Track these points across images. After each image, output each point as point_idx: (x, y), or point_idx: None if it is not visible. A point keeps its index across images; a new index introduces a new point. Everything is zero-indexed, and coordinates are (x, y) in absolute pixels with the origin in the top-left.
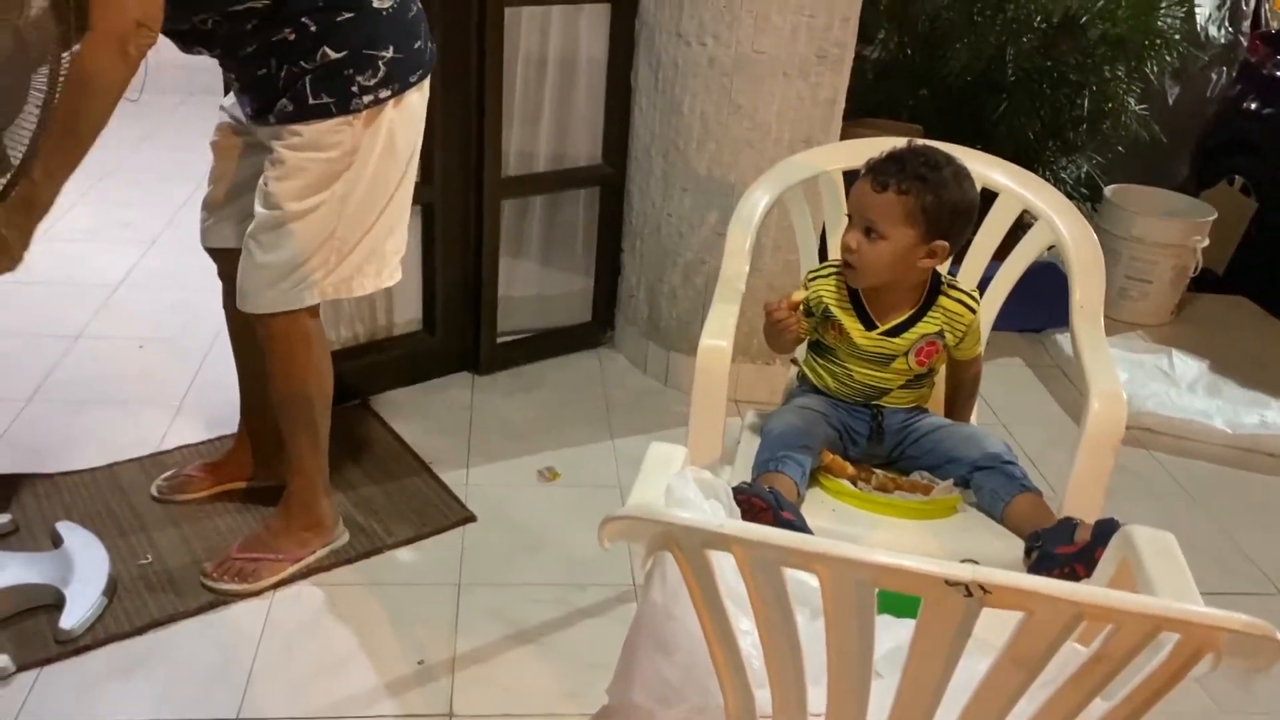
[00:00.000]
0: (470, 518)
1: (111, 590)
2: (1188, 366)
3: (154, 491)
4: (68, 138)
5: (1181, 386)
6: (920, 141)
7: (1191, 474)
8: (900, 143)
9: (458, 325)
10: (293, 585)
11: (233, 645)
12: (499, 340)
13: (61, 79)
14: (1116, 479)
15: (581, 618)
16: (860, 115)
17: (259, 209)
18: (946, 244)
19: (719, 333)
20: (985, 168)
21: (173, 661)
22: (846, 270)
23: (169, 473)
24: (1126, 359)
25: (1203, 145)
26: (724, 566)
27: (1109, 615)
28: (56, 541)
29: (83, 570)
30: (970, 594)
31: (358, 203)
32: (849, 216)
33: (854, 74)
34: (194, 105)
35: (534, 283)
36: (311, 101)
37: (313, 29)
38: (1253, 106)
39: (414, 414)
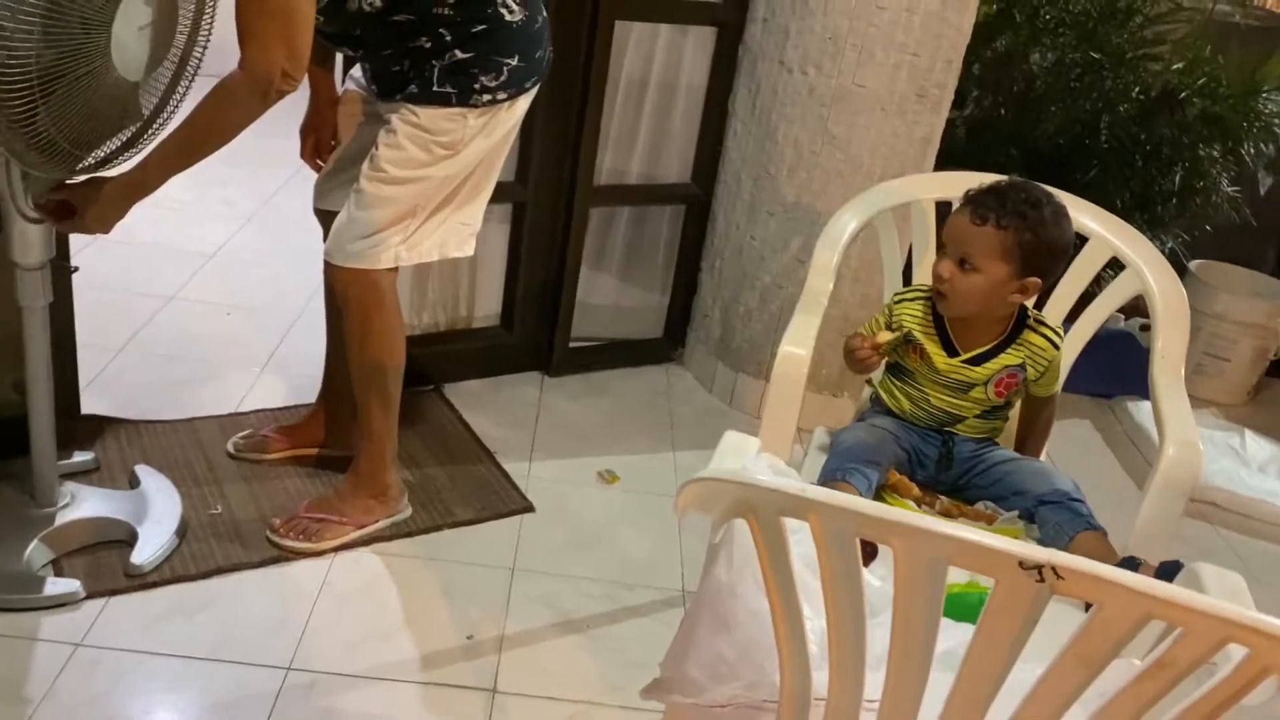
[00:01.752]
0: (529, 508)
1: (182, 534)
2: (1260, 448)
3: (230, 448)
4: (188, 145)
5: (1252, 467)
6: (1020, 178)
7: (1255, 553)
8: (999, 177)
9: (534, 325)
10: (353, 550)
11: (290, 600)
12: (572, 344)
13: (199, 46)
14: (1179, 548)
15: (628, 616)
16: (949, 167)
17: (365, 168)
18: (1039, 281)
19: (799, 341)
20: (1078, 212)
21: (233, 608)
22: (936, 298)
23: (246, 432)
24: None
25: None
26: (794, 554)
27: (1179, 615)
28: (134, 483)
29: (156, 511)
30: (1043, 578)
31: (452, 187)
32: (942, 246)
33: (944, 131)
34: (300, 93)
35: (612, 293)
36: (435, 88)
37: (448, 38)
38: None
39: (484, 405)
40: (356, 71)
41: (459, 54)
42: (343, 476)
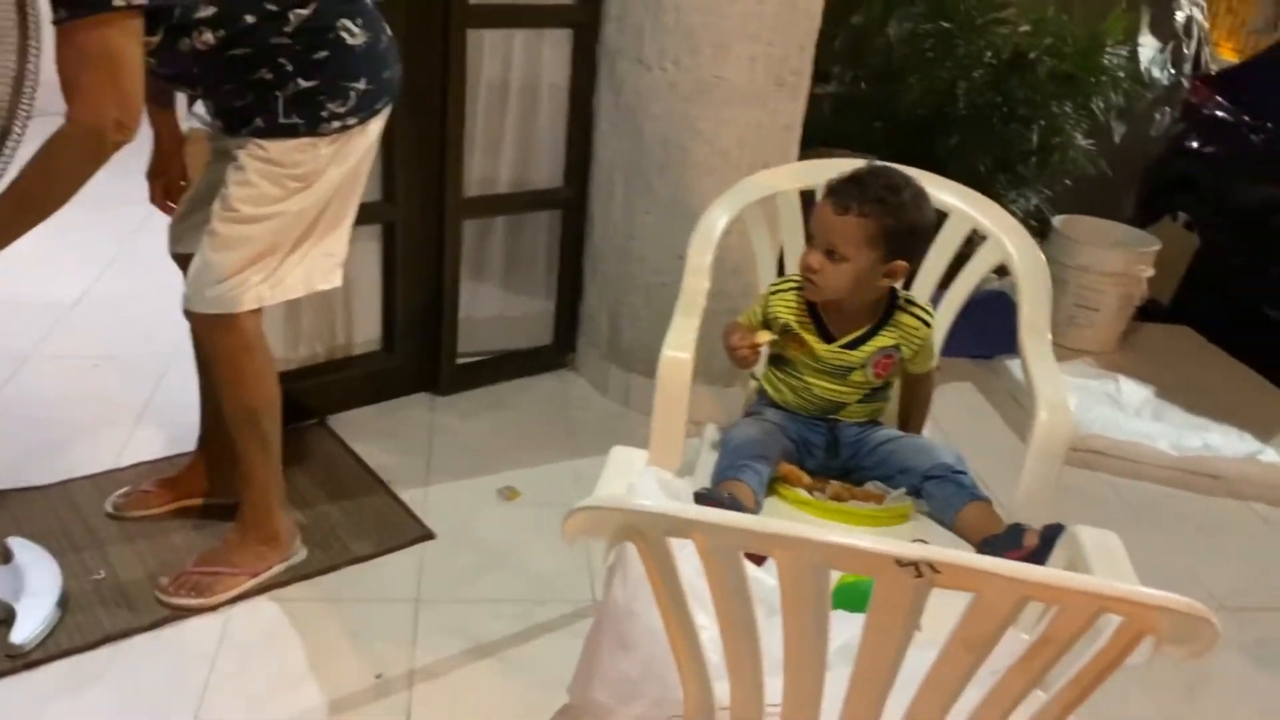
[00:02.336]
0: (429, 535)
1: (64, 605)
2: (1134, 391)
3: (109, 507)
4: (27, 203)
5: (1128, 411)
6: (879, 163)
7: (1137, 494)
8: (858, 163)
9: (418, 346)
10: (249, 600)
11: (187, 660)
12: (459, 361)
13: (21, 110)
14: (1065, 499)
15: (541, 633)
16: (816, 146)
17: (216, 208)
18: (906, 264)
19: (680, 345)
20: (936, 189)
21: (126, 677)
22: (809, 288)
23: (124, 489)
24: (1074, 384)
25: (1147, 182)
26: (684, 566)
27: (1055, 595)
28: (6, 557)
29: (33, 584)
30: (920, 574)
31: (310, 219)
32: (810, 237)
33: (811, 108)
34: (147, 130)
35: (495, 304)
36: (282, 120)
37: (290, 68)
38: (1194, 146)
39: (372, 434)
40: (200, 108)
41: (303, 83)
42: (230, 526)
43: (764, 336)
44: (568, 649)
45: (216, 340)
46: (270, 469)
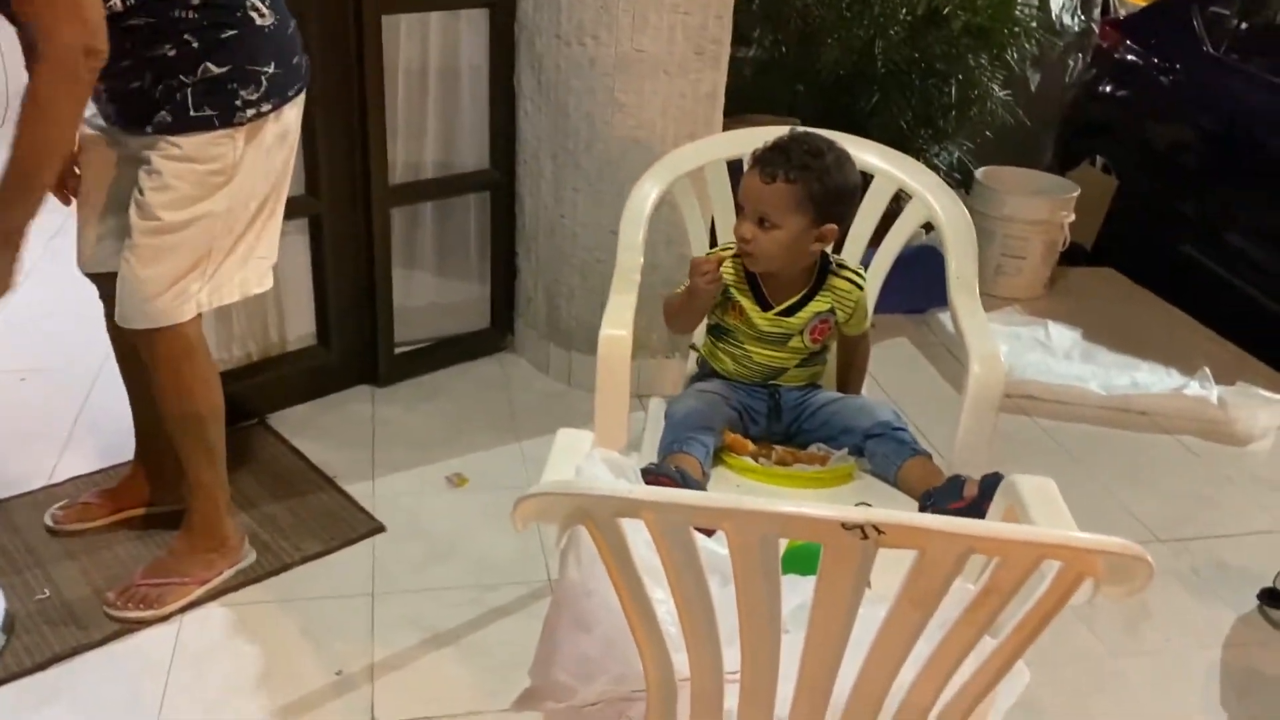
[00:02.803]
0: (379, 528)
1: (9, 628)
2: (1063, 336)
3: (49, 522)
4: (28, 168)
5: (1058, 355)
6: (801, 129)
7: (1071, 436)
8: (781, 131)
9: (354, 338)
10: (200, 608)
11: (141, 674)
12: (397, 351)
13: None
14: (1002, 446)
15: (498, 617)
16: (740, 112)
17: (135, 220)
18: (835, 227)
19: (618, 322)
20: (860, 151)
21: (79, 695)
22: (745, 257)
23: (62, 503)
24: (1005, 332)
25: (1064, 128)
26: (637, 542)
27: (996, 547)
28: None
29: None
30: (866, 535)
31: (236, 215)
32: (739, 207)
33: (732, 72)
34: None
35: (430, 291)
36: (193, 114)
37: (195, 45)
38: (1107, 90)
39: (314, 430)
40: (90, 111)
41: (213, 68)
42: (177, 534)
43: (726, 252)
44: (525, 631)
45: (157, 350)
46: (215, 474)
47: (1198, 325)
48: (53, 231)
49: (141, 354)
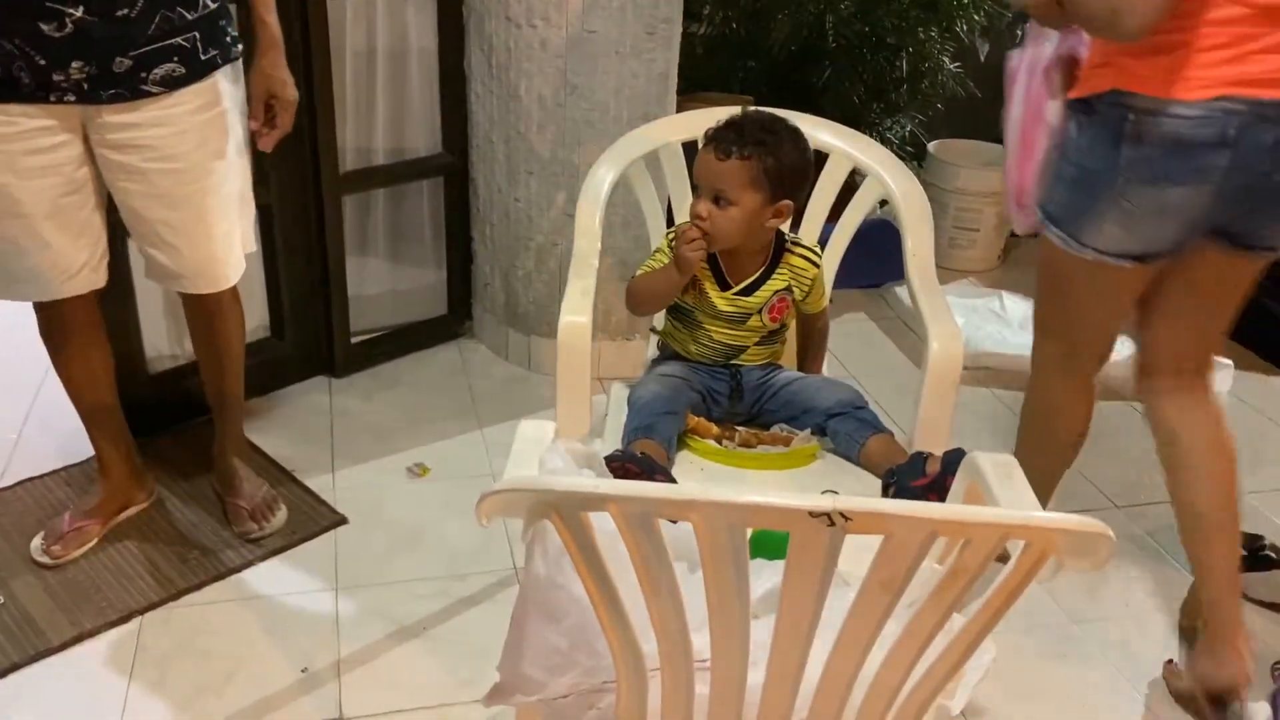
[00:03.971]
0: (341, 521)
1: None
2: (1017, 306)
3: (45, 559)
4: None
5: (1013, 325)
6: (753, 108)
7: None
8: (734, 110)
9: (309, 328)
10: (160, 609)
11: (103, 678)
12: (354, 340)
13: None
14: (963, 419)
15: (465, 607)
16: (693, 90)
17: (176, 189)
18: (790, 203)
19: (577, 309)
20: (813, 129)
21: (40, 702)
22: (704, 238)
23: (44, 535)
24: (961, 304)
25: None
26: (603, 530)
27: (960, 529)
28: None
29: None
30: (833, 523)
31: (244, 154)
32: (695, 187)
33: (683, 50)
34: None
35: (385, 279)
36: (203, 57)
37: None
38: None
39: (271, 423)
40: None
41: (209, 2)
42: (238, 464)
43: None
44: (493, 620)
45: (233, 313)
46: None
47: None
48: None
49: (217, 326)
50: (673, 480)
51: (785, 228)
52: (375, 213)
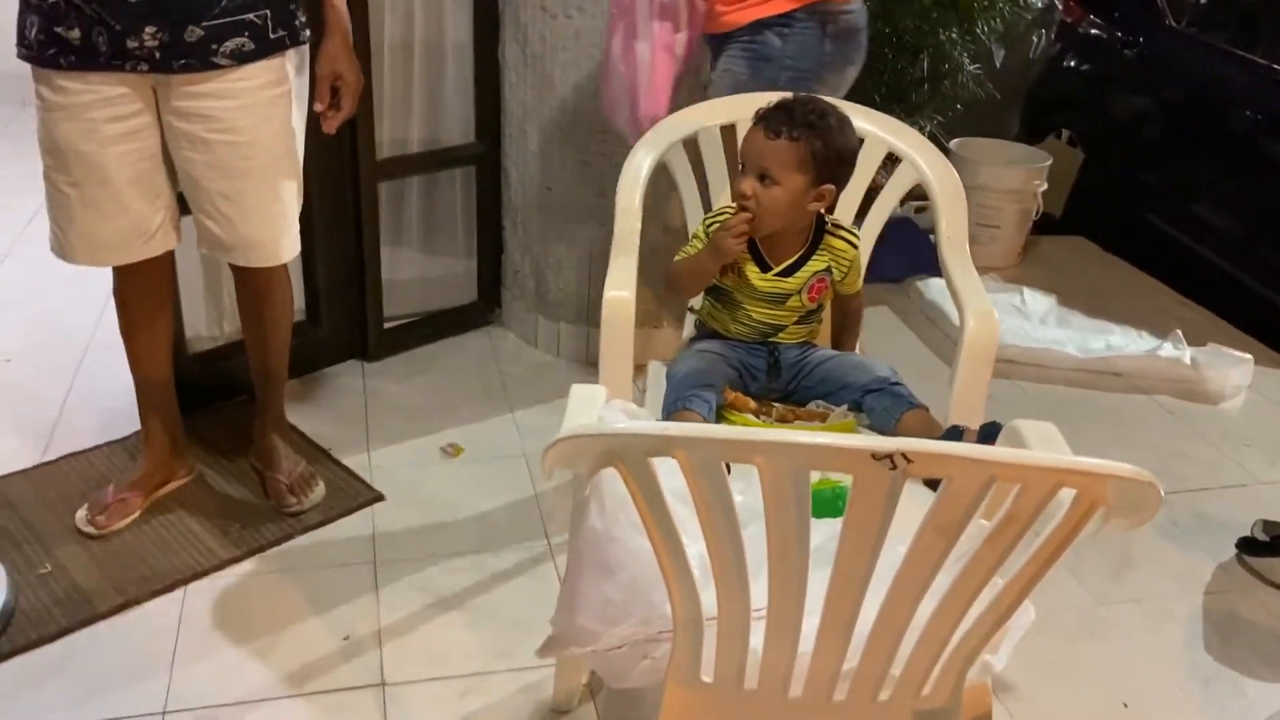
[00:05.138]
0: (379, 497)
1: (13, 604)
2: (1038, 302)
3: (89, 529)
4: None
5: (1034, 320)
6: (805, 94)
7: (1050, 397)
8: (774, 96)
9: (343, 314)
10: (204, 579)
11: (150, 642)
12: (386, 325)
13: None
14: (990, 407)
15: (500, 581)
16: None
17: (235, 161)
18: (833, 187)
19: (621, 284)
20: (850, 114)
21: (88, 665)
22: (747, 225)
23: (89, 506)
24: (991, 302)
25: (1030, 102)
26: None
27: (1017, 473)
28: None
29: None
30: (895, 465)
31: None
32: (741, 165)
33: None
34: (28, 118)
35: (418, 266)
36: (272, 36)
37: None
38: (1072, 64)
39: (307, 405)
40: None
41: None
42: (277, 440)
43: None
44: (527, 593)
45: (283, 291)
46: None
47: (1168, 290)
48: (28, 217)
49: (266, 303)
50: None
51: (824, 210)
52: (409, 200)
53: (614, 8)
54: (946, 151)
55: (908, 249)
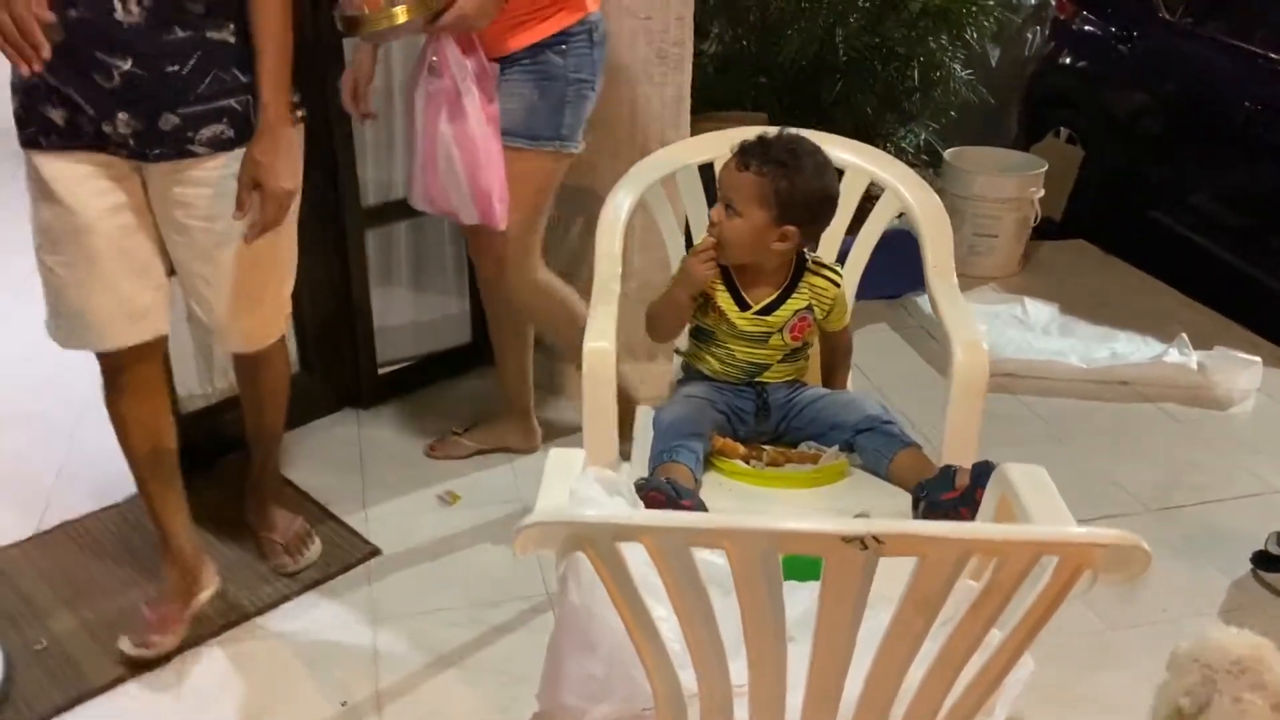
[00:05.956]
0: (375, 552)
1: (8, 682)
2: (1039, 311)
3: (135, 653)
4: (281, 46)
5: (1036, 330)
6: (791, 130)
7: (1054, 411)
8: (751, 132)
9: (334, 362)
10: (201, 646)
11: (146, 716)
12: (380, 372)
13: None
14: (987, 425)
15: (500, 635)
16: (706, 109)
17: (213, 249)
18: (796, 229)
19: (601, 334)
20: (829, 146)
21: None
22: (717, 248)
23: (132, 633)
24: (982, 311)
25: (1027, 102)
26: (635, 559)
27: (994, 548)
28: None
29: None
30: (866, 546)
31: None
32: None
33: (695, 69)
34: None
35: (409, 310)
36: (254, 122)
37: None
38: (1067, 61)
39: (301, 457)
40: (63, 139)
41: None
42: (270, 498)
43: (715, 212)
44: (528, 647)
45: (278, 362)
46: None
47: (1172, 291)
48: (23, 277)
49: (261, 372)
50: (700, 504)
51: (806, 248)
52: (397, 245)
53: (426, 93)
54: (940, 161)
55: (904, 264)
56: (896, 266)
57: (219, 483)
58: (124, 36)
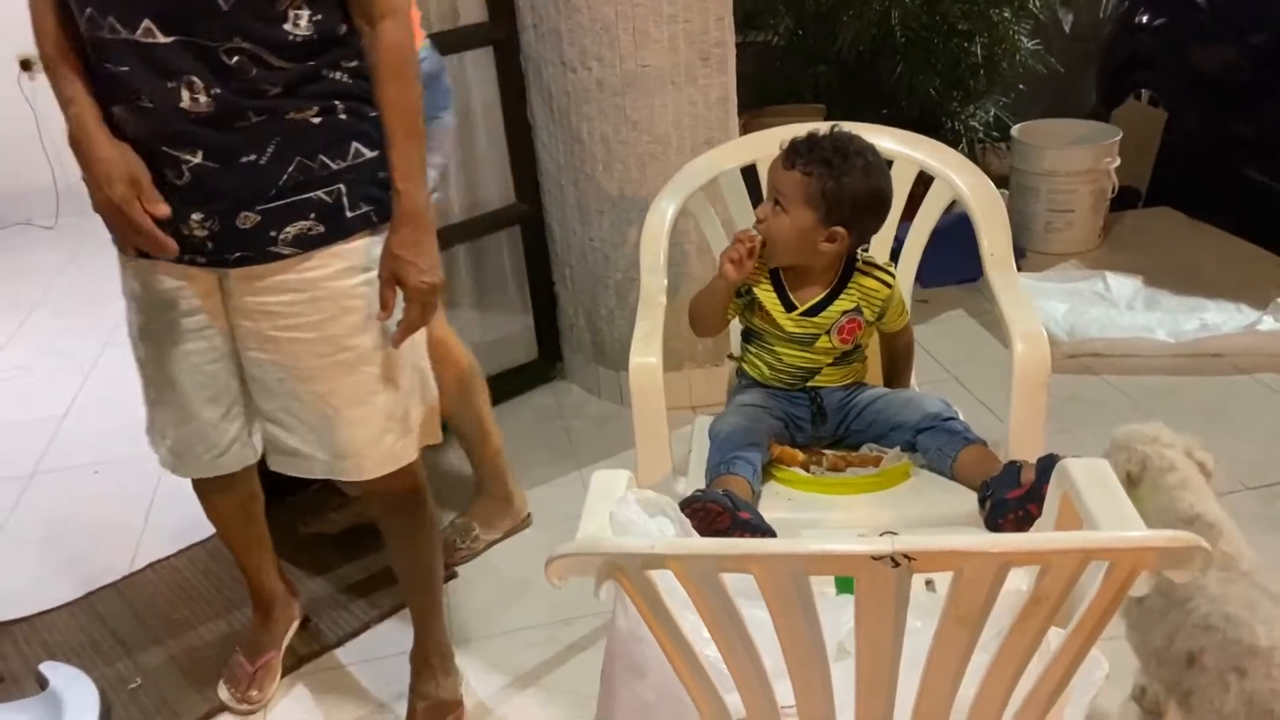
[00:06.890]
0: (451, 575)
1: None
2: (1123, 286)
3: (245, 707)
4: (414, 130)
5: (1120, 306)
6: (844, 127)
7: (1143, 389)
8: (795, 130)
9: None
10: (286, 678)
11: None
12: None
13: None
14: (1072, 409)
15: (574, 653)
16: (766, 101)
17: (307, 361)
18: (845, 231)
19: (646, 350)
20: (875, 137)
21: None
22: (761, 248)
23: (230, 684)
24: (1063, 289)
25: (1105, 66)
26: (676, 584)
27: (1034, 558)
28: (43, 684)
29: (73, 708)
30: (897, 564)
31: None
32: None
33: (755, 60)
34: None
35: (474, 330)
36: (350, 214)
37: (343, 116)
38: (1145, 20)
39: None
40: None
41: (364, 151)
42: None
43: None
44: (600, 663)
45: (400, 493)
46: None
47: (1265, 254)
48: (112, 324)
49: (394, 513)
50: (758, 516)
51: (859, 249)
52: (459, 267)
53: None
54: (1008, 137)
55: (976, 247)
56: (970, 250)
57: (300, 513)
58: (191, 127)
